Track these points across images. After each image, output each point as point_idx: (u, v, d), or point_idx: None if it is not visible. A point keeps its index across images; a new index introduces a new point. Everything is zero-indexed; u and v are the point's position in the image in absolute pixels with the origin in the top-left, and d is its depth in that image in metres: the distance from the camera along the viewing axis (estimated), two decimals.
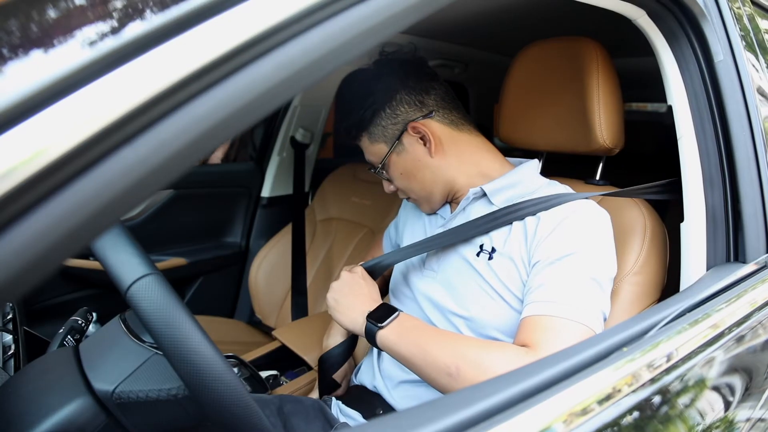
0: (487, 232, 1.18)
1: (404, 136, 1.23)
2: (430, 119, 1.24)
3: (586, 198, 1.16)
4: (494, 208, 1.20)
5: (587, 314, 1.01)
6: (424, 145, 1.23)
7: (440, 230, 1.29)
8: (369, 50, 0.57)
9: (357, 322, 1.18)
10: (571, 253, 1.05)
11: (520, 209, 1.15)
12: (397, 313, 1.13)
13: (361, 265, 1.32)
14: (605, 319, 1.06)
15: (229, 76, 0.48)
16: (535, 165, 1.29)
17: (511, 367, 0.80)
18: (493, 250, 1.16)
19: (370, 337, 1.14)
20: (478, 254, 1.18)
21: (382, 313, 1.15)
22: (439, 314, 1.20)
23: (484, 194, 1.23)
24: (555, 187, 1.24)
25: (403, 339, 1.09)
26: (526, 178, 1.25)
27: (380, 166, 1.27)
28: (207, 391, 0.73)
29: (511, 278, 1.12)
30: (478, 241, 1.19)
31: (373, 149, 1.27)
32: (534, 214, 1.13)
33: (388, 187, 1.34)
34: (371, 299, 1.22)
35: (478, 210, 1.23)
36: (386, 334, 1.11)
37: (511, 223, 1.16)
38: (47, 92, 0.42)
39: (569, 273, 1.04)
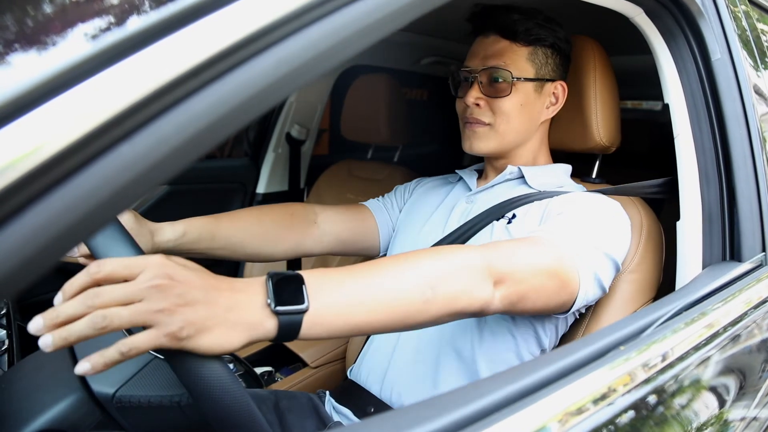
0: (518, 206, 1.20)
1: (549, 84, 1.26)
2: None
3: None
4: (526, 190, 1.24)
5: (580, 257, 0.99)
6: (548, 107, 1.27)
7: (464, 200, 1.31)
8: (367, 47, 0.57)
9: (254, 325, 0.69)
10: (574, 209, 1.09)
11: (546, 194, 1.20)
12: (297, 275, 0.73)
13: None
14: (603, 288, 1.05)
15: (229, 72, 0.48)
16: (568, 169, 1.34)
17: (469, 257, 0.84)
18: (514, 216, 1.19)
19: (294, 331, 0.71)
20: (498, 219, 1.20)
21: (283, 294, 0.71)
22: None
23: (521, 176, 1.27)
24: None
25: (340, 303, 0.74)
26: (562, 174, 1.31)
27: (513, 78, 1.20)
28: (212, 402, 0.69)
29: None
30: None
31: (521, 63, 1.22)
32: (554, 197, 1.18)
33: (474, 96, 1.22)
34: (229, 283, 0.71)
35: (506, 191, 1.26)
36: (316, 311, 0.72)
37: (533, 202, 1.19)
38: (44, 88, 0.42)
39: (574, 220, 1.06)
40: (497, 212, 1.20)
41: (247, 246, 1.26)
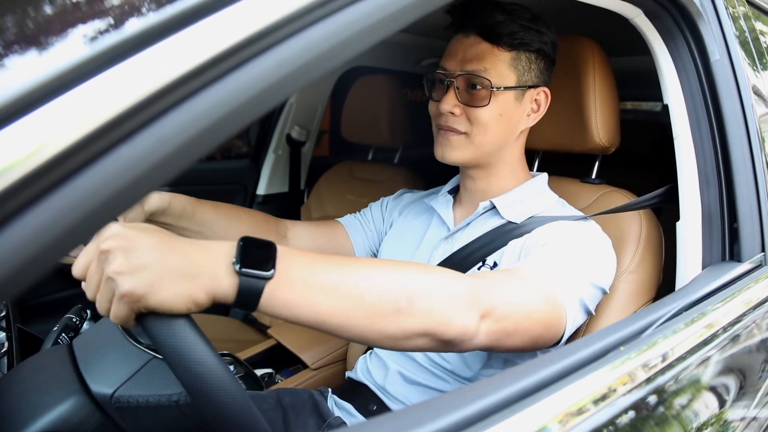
0: (494, 251, 1.15)
1: (531, 90, 1.18)
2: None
3: (586, 219, 1.16)
4: (502, 221, 1.19)
5: (566, 290, 0.96)
6: (528, 114, 1.20)
7: (443, 242, 1.26)
8: (368, 49, 0.57)
9: (212, 279, 0.66)
10: (557, 240, 1.05)
11: (522, 226, 1.15)
12: (270, 243, 0.70)
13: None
14: (589, 313, 1.02)
15: (230, 73, 0.48)
16: (545, 179, 1.28)
17: (455, 283, 0.81)
18: (495, 264, 1.14)
19: (254, 297, 0.67)
20: (479, 267, 1.16)
21: (250, 257, 0.68)
22: None
23: (493, 208, 1.21)
24: (566, 208, 1.23)
25: (307, 282, 0.70)
26: (537, 194, 1.24)
27: (492, 87, 1.12)
28: (212, 404, 0.69)
29: None
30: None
31: (502, 69, 1.13)
32: (531, 231, 1.13)
33: (451, 104, 1.15)
34: (190, 242, 0.69)
35: (485, 225, 1.21)
36: (282, 283, 0.68)
37: (509, 242, 1.14)
38: (45, 89, 0.42)
39: (557, 252, 1.02)
40: (476, 252, 1.16)
41: (221, 237, 1.23)
